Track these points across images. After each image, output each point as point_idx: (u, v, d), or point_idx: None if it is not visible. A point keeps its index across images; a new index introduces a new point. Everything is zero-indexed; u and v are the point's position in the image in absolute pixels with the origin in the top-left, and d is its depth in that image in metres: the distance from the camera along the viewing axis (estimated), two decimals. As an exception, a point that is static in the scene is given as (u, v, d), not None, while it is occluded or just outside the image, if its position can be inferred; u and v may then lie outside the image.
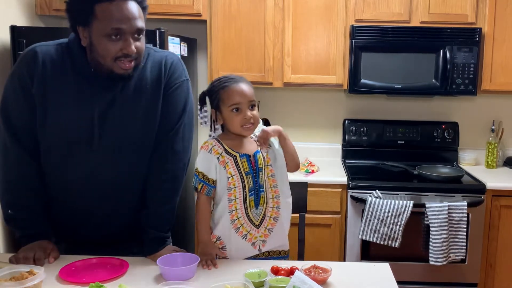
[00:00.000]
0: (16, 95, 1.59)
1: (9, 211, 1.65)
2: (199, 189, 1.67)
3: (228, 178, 1.66)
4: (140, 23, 1.53)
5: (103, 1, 1.48)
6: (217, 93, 1.66)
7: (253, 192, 1.68)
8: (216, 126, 1.73)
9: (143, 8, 1.56)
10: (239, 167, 1.66)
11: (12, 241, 2.75)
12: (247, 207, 1.68)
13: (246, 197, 1.68)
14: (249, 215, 1.69)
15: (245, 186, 1.67)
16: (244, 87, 1.65)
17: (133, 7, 1.51)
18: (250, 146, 1.72)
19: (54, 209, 1.70)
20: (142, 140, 1.67)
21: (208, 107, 1.70)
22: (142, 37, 1.56)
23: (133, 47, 1.51)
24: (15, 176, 1.63)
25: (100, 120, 1.60)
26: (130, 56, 1.52)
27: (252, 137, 1.75)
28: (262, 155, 1.71)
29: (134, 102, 1.63)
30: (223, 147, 1.67)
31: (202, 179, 1.66)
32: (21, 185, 1.63)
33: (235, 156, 1.66)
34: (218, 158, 1.66)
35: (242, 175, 1.67)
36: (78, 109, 1.59)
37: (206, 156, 1.66)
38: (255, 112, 1.67)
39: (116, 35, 1.49)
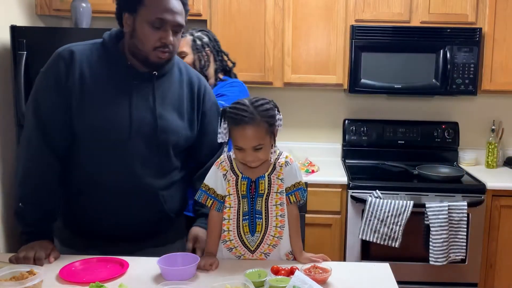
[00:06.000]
0: (49, 93, 1.60)
1: (20, 204, 1.65)
2: (207, 204, 1.64)
3: (226, 196, 1.63)
4: (182, 20, 1.61)
5: None
6: (228, 124, 1.57)
7: (247, 217, 1.63)
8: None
9: (186, 10, 1.64)
10: (238, 188, 1.63)
11: (12, 241, 2.76)
12: (240, 231, 1.64)
13: (239, 221, 1.63)
14: (243, 240, 1.64)
15: (239, 209, 1.63)
16: (249, 132, 1.52)
17: (178, 4, 1.60)
18: (259, 168, 1.64)
19: (78, 203, 1.68)
20: (177, 138, 1.70)
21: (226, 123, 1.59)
22: (179, 35, 1.64)
23: (171, 38, 1.58)
24: (33, 172, 1.63)
25: (136, 115, 1.62)
26: (168, 47, 1.58)
27: (271, 158, 1.62)
28: (270, 180, 1.62)
29: (168, 97, 1.68)
30: (231, 165, 1.64)
31: (210, 193, 1.64)
32: (37, 181, 1.63)
33: (237, 176, 1.63)
34: (224, 174, 1.63)
35: (239, 197, 1.63)
36: (114, 105, 1.60)
37: (215, 172, 1.65)
38: (260, 154, 1.55)
39: (159, 25, 1.55)
